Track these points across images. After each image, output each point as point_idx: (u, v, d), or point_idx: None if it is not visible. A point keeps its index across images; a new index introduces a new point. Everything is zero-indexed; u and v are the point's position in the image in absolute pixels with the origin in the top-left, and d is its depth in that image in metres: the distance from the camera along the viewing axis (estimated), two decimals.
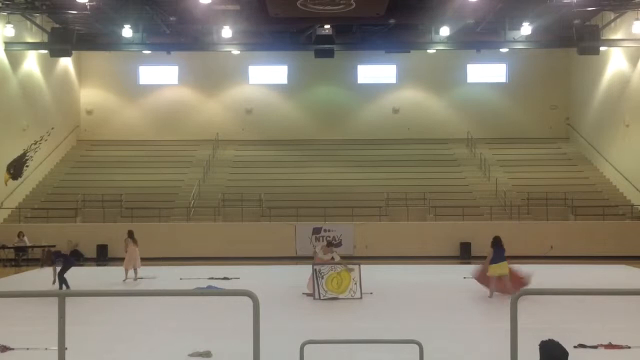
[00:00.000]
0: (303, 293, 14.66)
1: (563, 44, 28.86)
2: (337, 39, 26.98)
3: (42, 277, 19.21)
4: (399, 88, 34.45)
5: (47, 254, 15.76)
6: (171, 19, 26.85)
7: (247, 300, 4.36)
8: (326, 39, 26.44)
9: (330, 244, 16.18)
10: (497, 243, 14.45)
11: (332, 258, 14.93)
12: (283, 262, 22.54)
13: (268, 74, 34.53)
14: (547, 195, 26.88)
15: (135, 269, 17.58)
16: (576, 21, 26.67)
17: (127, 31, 25.87)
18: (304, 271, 15.29)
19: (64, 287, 14.84)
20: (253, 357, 4.45)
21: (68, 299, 4.90)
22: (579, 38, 26.21)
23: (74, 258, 15.95)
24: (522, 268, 14.95)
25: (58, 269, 15.16)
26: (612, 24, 27.97)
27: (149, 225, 25.27)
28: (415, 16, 26.66)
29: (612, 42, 27.97)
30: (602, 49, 27.45)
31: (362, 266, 14.68)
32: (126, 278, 17.54)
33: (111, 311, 12.58)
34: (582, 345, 9.08)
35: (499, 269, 14.22)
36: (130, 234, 18.05)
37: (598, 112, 31.00)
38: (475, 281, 15.05)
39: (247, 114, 34.25)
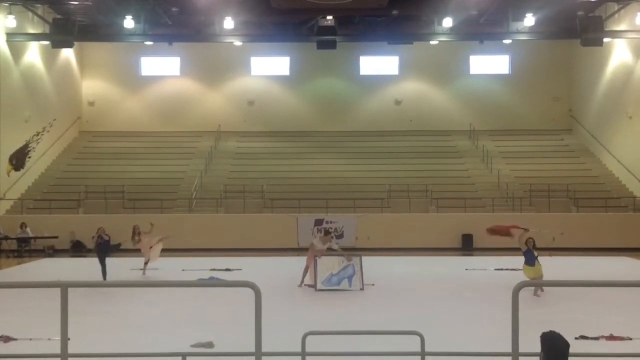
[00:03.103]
0: (305, 284, 14.69)
1: (566, 35, 28.72)
2: (339, 30, 26.90)
3: (44, 268, 19.31)
4: (402, 80, 34.34)
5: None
6: (173, 9, 26.80)
7: (249, 292, 4.35)
8: (328, 30, 26.37)
9: (327, 233, 15.92)
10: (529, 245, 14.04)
11: (330, 248, 14.84)
12: (285, 254, 22.55)
13: (270, 66, 34.42)
14: (550, 187, 26.85)
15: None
16: (580, 12, 26.57)
17: (128, 22, 25.85)
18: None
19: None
20: (255, 347, 4.45)
21: (70, 290, 4.90)
22: (582, 29, 26.12)
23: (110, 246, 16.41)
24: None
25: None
26: (616, 15, 27.84)
27: (151, 217, 25.16)
28: (418, 7, 26.55)
29: (615, 34, 27.83)
30: (605, 40, 27.33)
31: (363, 258, 14.71)
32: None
33: (113, 302, 12.62)
34: (583, 337, 9.09)
35: (531, 272, 13.84)
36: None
37: (601, 104, 30.89)
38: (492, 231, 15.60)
39: (249, 106, 34.20)
